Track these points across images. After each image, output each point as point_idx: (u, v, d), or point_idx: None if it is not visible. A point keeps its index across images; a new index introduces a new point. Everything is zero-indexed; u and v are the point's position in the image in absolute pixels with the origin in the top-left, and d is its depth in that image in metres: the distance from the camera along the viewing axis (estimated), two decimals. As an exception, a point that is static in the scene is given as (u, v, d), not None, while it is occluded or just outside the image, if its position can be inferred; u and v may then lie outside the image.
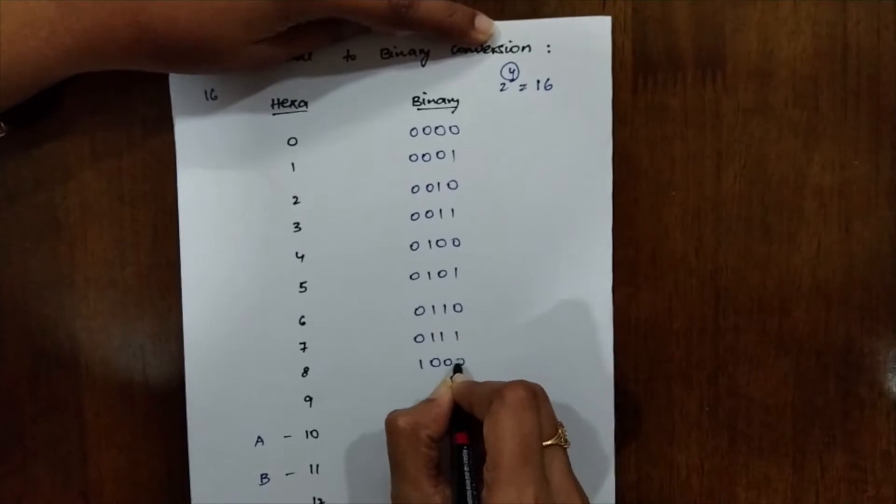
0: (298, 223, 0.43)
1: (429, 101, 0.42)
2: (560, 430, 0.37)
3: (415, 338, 0.43)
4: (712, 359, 0.44)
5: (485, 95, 0.42)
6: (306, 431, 0.43)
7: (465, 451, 0.39)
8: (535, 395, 0.37)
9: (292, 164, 0.42)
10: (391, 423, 0.39)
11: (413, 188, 0.43)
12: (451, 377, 0.42)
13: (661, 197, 0.43)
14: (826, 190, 0.43)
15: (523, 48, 0.42)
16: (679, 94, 0.42)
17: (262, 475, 0.43)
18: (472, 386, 0.40)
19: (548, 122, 0.42)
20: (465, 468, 0.38)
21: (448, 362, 0.43)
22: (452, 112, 0.42)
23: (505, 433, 0.35)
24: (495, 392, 0.37)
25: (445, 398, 0.40)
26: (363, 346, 0.43)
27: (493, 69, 0.42)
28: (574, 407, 0.43)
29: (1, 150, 0.42)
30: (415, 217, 0.43)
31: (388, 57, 0.42)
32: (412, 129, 0.42)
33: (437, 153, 0.42)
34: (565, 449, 0.37)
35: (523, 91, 0.42)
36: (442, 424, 0.39)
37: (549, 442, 0.36)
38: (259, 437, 0.43)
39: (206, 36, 0.37)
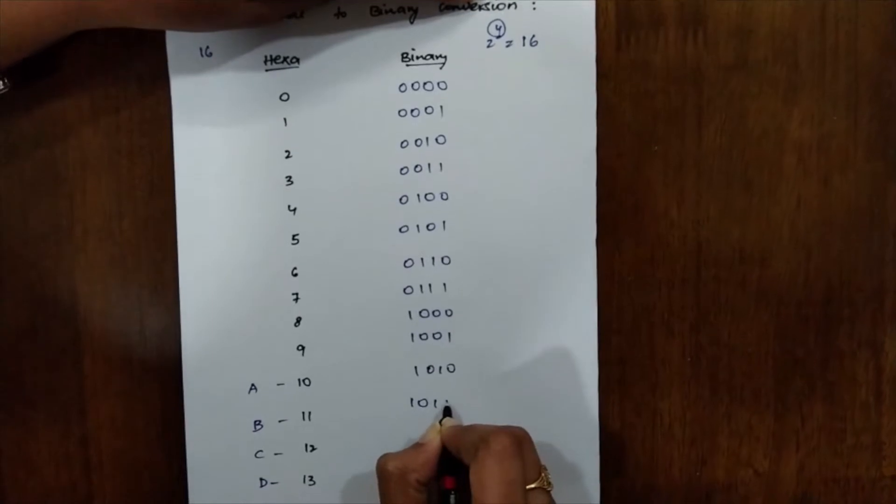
0: (290, 177, 0.44)
1: (417, 58, 0.43)
2: (543, 474, 0.38)
3: (404, 289, 0.44)
4: (694, 309, 0.45)
5: (472, 52, 0.43)
6: (299, 380, 0.45)
7: (452, 496, 0.40)
8: (519, 443, 0.38)
9: (284, 119, 0.44)
10: (381, 466, 0.41)
11: (402, 143, 0.44)
12: (441, 421, 0.43)
13: (644, 151, 0.44)
14: (805, 144, 0.44)
15: (509, 5, 0.43)
16: (661, 51, 0.43)
17: (255, 422, 0.45)
18: (460, 431, 0.41)
19: (533, 78, 0.43)
20: None
21: (437, 313, 0.44)
22: (440, 68, 0.43)
23: (490, 480, 0.36)
24: (482, 440, 0.38)
25: (434, 443, 0.41)
26: (354, 298, 0.44)
27: (480, 26, 0.43)
28: (558, 354, 0.44)
29: (2, 106, 0.43)
30: (404, 171, 0.44)
31: (378, 14, 0.43)
32: (401, 85, 0.43)
33: (426, 108, 0.43)
34: (548, 491, 0.38)
35: (509, 47, 0.43)
36: (430, 469, 0.41)
37: (532, 486, 0.38)
38: (253, 385, 0.44)
39: (201, -7, 0.38)
